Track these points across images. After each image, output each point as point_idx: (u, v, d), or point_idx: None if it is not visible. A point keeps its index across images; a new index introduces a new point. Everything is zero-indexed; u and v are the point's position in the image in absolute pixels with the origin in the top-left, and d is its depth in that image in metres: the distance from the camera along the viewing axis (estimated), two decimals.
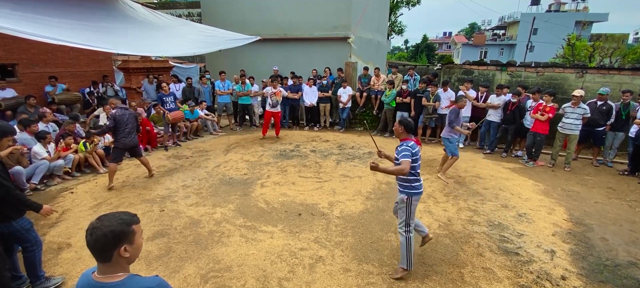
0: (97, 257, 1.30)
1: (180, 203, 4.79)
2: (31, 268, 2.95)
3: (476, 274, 3.27)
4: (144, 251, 3.61)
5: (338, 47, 10.97)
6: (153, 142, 7.57)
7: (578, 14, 35.08)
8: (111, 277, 1.31)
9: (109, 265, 1.31)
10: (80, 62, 9.42)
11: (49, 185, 5.42)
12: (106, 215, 1.33)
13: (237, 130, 9.56)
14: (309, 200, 4.87)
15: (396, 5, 25.90)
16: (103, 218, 1.31)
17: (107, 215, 1.33)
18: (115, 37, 6.31)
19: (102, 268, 1.32)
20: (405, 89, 8.27)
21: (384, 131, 8.98)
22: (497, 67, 9.10)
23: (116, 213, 1.34)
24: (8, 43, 7.62)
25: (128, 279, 1.32)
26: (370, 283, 3.14)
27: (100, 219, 1.31)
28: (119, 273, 1.32)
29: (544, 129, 6.36)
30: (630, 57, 19.56)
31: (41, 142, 5.43)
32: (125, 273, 1.34)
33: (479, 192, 5.24)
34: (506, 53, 36.96)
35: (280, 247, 3.70)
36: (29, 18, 5.13)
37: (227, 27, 9.75)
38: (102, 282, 1.30)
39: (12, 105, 6.84)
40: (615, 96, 7.56)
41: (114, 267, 1.32)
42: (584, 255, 3.64)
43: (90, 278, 1.33)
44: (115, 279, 1.31)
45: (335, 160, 6.71)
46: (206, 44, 8.18)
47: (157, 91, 8.67)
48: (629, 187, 5.65)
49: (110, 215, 1.33)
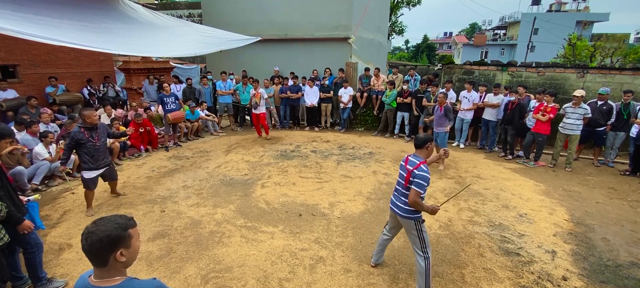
0: (93, 262, 1.28)
1: (181, 203, 4.80)
2: (32, 270, 2.96)
3: (477, 275, 3.27)
4: (145, 251, 3.61)
5: (339, 48, 10.98)
6: (154, 143, 7.58)
7: (579, 14, 34.98)
8: (108, 281, 1.29)
9: (105, 270, 1.29)
10: (81, 63, 9.44)
11: (50, 186, 5.44)
12: (102, 219, 1.31)
13: (238, 131, 9.57)
14: (309, 201, 4.87)
15: (397, 6, 25.91)
16: (99, 222, 1.29)
17: (104, 218, 1.31)
18: (116, 38, 6.32)
19: (99, 273, 1.30)
20: (406, 89, 8.26)
21: (385, 131, 8.98)
22: (497, 67, 9.10)
23: (113, 216, 1.32)
24: (9, 44, 7.64)
25: (125, 283, 1.30)
26: (371, 283, 3.13)
27: (96, 224, 1.29)
28: (116, 277, 1.30)
29: (545, 130, 6.35)
30: (631, 57, 19.51)
31: (43, 141, 5.45)
32: (122, 277, 1.32)
33: (480, 193, 5.23)
34: (507, 53, 36.91)
35: (280, 247, 3.70)
36: (30, 19, 5.14)
37: (228, 27, 9.76)
38: (98, 286, 1.28)
39: (13, 106, 6.86)
40: (616, 96, 7.54)
41: (110, 271, 1.30)
42: (585, 255, 3.63)
43: (87, 282, 1.31)
44: (112, 283, 1.29)
45: (336, 161, 6.71)
46: (207, 44, 8.18)
47: (157, 91, 8.69)
48: (630, 187, 5.64)
49: (107, 219, 1.31)
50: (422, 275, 2.82)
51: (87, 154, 4.26)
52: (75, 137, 4.16)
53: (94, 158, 4.32)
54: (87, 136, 4.21)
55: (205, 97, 9.58)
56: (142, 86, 9.27)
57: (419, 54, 44.43)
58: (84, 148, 4.23)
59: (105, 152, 4.51)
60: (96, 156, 4.33)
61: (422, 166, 2.67)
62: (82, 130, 4.20)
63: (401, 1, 26.05)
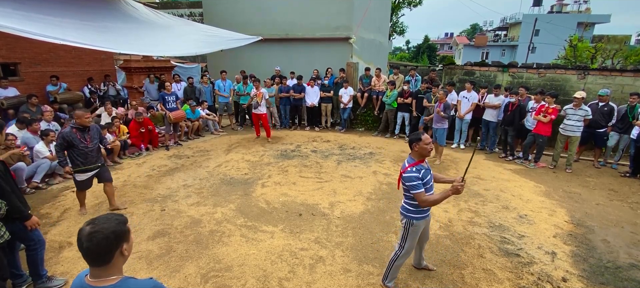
0: (96, 261, 1.27)
1: (181, 202, 4.80)
2: (33, 267, 2.96)
3: (477, 275, 3.27)
4: (145, 250, 3.62)
5: (339, 48, 10.98)
6: (154, 142, 7.59)
7: (580, 16, 34.99)
8: (105, 281, 1.28)
9: (106, 268, 1.28)
10: (82, 62, 9.45)
11: (50, 184, 5.44)
12: (98, 218, 1.31)
13: (238, 130, 9.58)
14: (309, 201, 4.87)
15: (397, 6, 25.90)
16: (97, 221, 1.29)
17: (100, 218, 1.31)
18: (118, 37, 6.32)
19: (97, 272, 1.29)
20: (407, 89, 8.26)
21: (385, 132, 8.98)
22: (498, 68, 9.09)
23: (107, 215, 1.33)
24: (10, 42, 7.65)
25: (122, 282, 1.30)
26: (371, 283, 3.13)
27: (95, 223, 1.28)
28: (112, 277, 1.30)
29: (546, 131, 6.35)
30: (632, 58, 19.48)
31: (44, 140, 5.46)
32: (118, 276, 1.31)
33: (480, 193, 5.23)
34: (508, 54, 36.89)
35: (280, 247, 3.70)
36: (31, 17, 5.14)
37: (229, 27, 9.77)
38: (95, 286, 1.28)
39: (14, 104, 6.86)
40: (617, 97, 7.54)
41: (112, 269, 1.30)
42: (585, 257, 3.63)
43: (84, 281, 1.30)
44: (109, 282, 1.28)
45: (336, 161, 6.71)
46: (208, 43, 8.19)
47: (158, 90, 8.70)
48: (631, 188, 5.63)
49: (104, 218, 1.31)
50: (389, 262, 2.98)
51: (78, 155, 4.11)
52: (66, 138, 4.02)
53: (87, 160, 4.17)
54: (78, 137, 4.06)
55: (205, 96, 9.58)
56: (142, 85, 9.27)
57: (419, 55, 44.43)
58: (75, 149, 4.07)
59: (98, 154, 4.34)
60: (89, 157, 4.18)
61: (409, 168, 2.65)
62: (74, 131, 4.06)
63: (402, 1, 26.05)
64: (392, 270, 2.97)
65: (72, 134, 4.04)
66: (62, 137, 4.04)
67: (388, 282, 3.02)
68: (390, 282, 3.02)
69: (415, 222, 2.77)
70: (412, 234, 2.82)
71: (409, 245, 2.86)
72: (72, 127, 4.10)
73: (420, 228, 2.84)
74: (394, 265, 2.95)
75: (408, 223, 2.80)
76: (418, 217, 2.76)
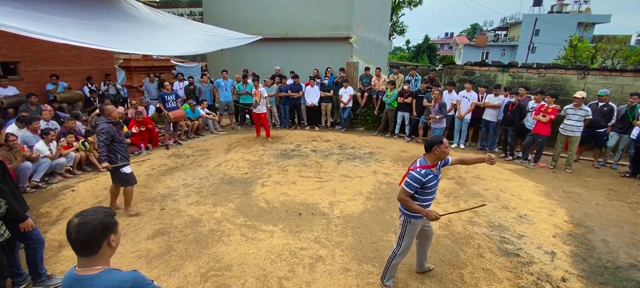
0: (84, 252, 1.32)
1: (181, 202, 4.80)
2: (33, 266, 2.96)
3: (476, 275, 3.27)
4: (145, 249, 3.62)
5: (339, 47, 10.98)
6: (154, 141, 7.59)
7: (580, 16, 34.99)
8: (90, 270, 1.33)
9: (94, 258, 1.33)
10: (82, 61, 9.45)
11: (50, 183, 5.44)
12: (86, 210, 1.36)
13: (238, 130, 9.58)
14: (309, 200, 4.88)
15: (398, 6, 25.89)
16: (85, 214, 1.34)
17: (87, 210, 1.36)
18: (118, 36, 6.32)
19: (85, 262, 1.34)
20: (407, 89, 8.26)
21: (385, 131, 8.98)
22: (498, 68, 9.10)
23: (95, 208, 1.38)
24: (10, 41, 7.64)
25: (104, 272, 1.34)
26: (370, 283, 3.14)
27: (83, 215, 1.33)
28: (98, 266, 1.34)
29: (545, 131, 6.35)
30: (632, 58, 19.48)
31: (44, 139, 5.45)
32: (103, 266, 1.36)
33: (480, 193, 5.23)
34: (508, 54, 36.88)
35: (280, 246, 3.70)
36: (31, 16, 5.13)
37: (229, 26, 9.76)
38: (80, 275, 1.33)
39: (14, 103, 6.86)
40: (617, 98, 7.55)
41: (99, 260, 1.35)
42: (584, 257, 3.63)
43: (72, 272, 1.36)
44: (93, 272, 1.33)
45: (336, 160, 6.72)
46: (208, 43, 8.18)
47: (158, 90, 8.69)
48: (630, 188, 5.64)
49: (92, 210, 1.36)
50: (387, 261, 3.00)
51: (121, 149, 4.10)
52: (110, 132, 3.98)
53: (126, 152, 4.23)
54: (116, 130, 4.09)
55: (205, 95, 9.58)
56: (142, 84, 9.27)
57: (419, 54, 44.44)
58: (117, 144, 4.06)
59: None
60: (126, 150, 4.25)
61: (419, 169, 2.66)
62: (111, 126, 4.05)
63: (402, 1, 26.04)
64: (390, 268, 2.99)
65: (111, 129, 4.03)
66: (108, 131, 3.99)
67: (386, 281, 3.03)
68: (388, 280, 3.03)
69: (413, 221, 2.80)
70: (410, 232, 2.85)
71: (406, 244, 2.88)
72: (107, 122, 4.05)
73: (417, 227, 2.86)
74: (392, 263, 2.96)
75: (406, 221, 2.82)
76: (416, 216, 2.77)
